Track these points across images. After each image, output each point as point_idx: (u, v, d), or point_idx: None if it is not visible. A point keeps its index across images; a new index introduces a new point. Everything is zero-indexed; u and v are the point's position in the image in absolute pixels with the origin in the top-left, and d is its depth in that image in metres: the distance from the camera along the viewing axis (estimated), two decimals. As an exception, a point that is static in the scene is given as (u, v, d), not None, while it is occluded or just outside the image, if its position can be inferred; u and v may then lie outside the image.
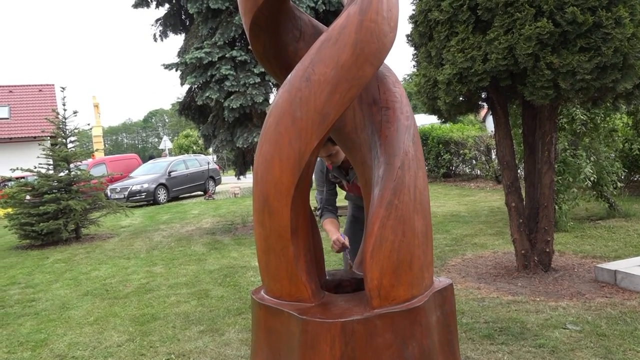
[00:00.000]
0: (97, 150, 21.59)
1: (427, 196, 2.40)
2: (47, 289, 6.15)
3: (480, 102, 5.20)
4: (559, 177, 6.69)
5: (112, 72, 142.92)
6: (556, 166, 6.04)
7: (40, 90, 28.11)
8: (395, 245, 2.17)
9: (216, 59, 8.23)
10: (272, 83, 8.30)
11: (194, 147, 25.37)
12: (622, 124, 8.64)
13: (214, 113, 9.00)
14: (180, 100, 10.69)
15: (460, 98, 4.87)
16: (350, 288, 2.68)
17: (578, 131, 6.96)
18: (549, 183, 4.97)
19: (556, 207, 6.60)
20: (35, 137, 24.07)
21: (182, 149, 25.07)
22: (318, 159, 3.43)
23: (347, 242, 3.24)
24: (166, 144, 29.46)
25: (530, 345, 3.35)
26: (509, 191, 5.08)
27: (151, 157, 24.59)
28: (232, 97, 8.19)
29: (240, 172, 10.73)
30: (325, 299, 2.34)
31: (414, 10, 5.12)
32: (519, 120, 6.61)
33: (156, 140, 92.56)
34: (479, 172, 14.82)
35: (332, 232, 3.33)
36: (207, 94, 8.29)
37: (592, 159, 6.92)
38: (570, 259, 5.64)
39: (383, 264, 2.15)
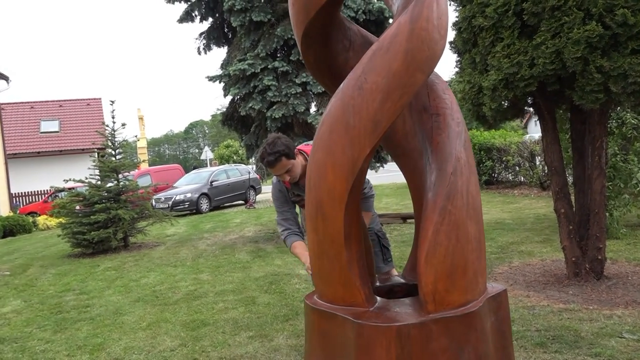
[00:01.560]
0: (143, 161, 22.22)
1: (480, 202, 2.40)
2: (100, 295, 6.38)
3: (526, 108, 5.14)
4: (610, 183, 6.51)
5: (155, 85, 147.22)
6: (606, 171, 5.90)
7: (88, 104, 29.24)
8: (450, 250, 2.19)
9: (259, 70, 8.40)
10: (313, 93, 8.40)
11: (234, 157, 25.81)
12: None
13: (257, 123, 9.16)
14: (222, 111, 10.93)
15: (506, 104, 4.83)
16: (401, 294, 2.70)
17: (629, 135, 6.76)
18: (599, 189, 4.85)
19: (607, 214, 6.41)
20: (83, 150, 25.02)
21: (222, 159, 25.53)
22: (274, 179, 3.28)
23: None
24: (207, 154, 30.08)
25: (586, 354, 3.28)
26: (557, 197, 4.99)
27: (194, 168, 25.11)
28: (274, 107, 8.33)
29: (282, 181, 10.85)
30: (378, 304, 2.37)
31: (457, 17, 5.12)
32: (565, 125, 6.49)
33: (197, 151, 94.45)
34: (522, 178, 14.52)
35: (304, 255, 3.11)
36: (250, 105, 8.46)
37: (642, 162, 6.71)
38: (623, 267, 5.47)
39: (437, 269, 2.17)
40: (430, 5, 2.28)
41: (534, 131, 29.82)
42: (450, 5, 5.49)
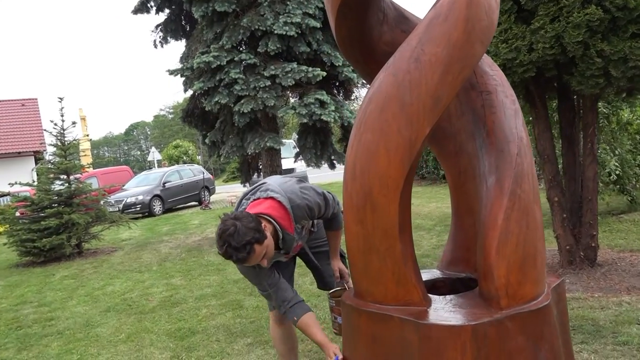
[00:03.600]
0: (88, 164, 21.10)
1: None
2: (63, 307, 5.83)
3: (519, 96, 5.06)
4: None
5: (92, 85, 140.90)
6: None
7: (23, 105, 27.46)
8: (521, 239, 1.98)
9: (224, 63, 8.00)
10: (283, 85, 8.07)
11: (184, 157, 24.99)
12: (633, 117, 8.60)
13: (222, 118, 8.75)
14: (166, 111, 10.42)
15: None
16: (446, 289, 2.47)
17: (600, 125, 6.86)
18: (592, 176, 4.83)
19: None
20: (20, 153, 23.49)
21: (172, 160, 24.66)
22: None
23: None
24: (154, 155, 28.99)
25: (613, 343, 3.18)
26: (551, 185, 4.93)
27: (149, 168, 24.13)
28: (242, 102, 7.96)
29: (246, 179, 10.49)
30: (435, 302, 2.14)
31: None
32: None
33: (139, 153, 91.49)
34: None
35: (324, 341, 2.50)
36: (215, 99, 8.04)
37: (617, 152, 6.83)
38: (608, 254, 5.51)
39: (510, 260, 1.96)
40: (486, -31, 2.07)
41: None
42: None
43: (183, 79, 9.00)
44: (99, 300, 5.92)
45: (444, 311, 2.03)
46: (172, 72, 8.77)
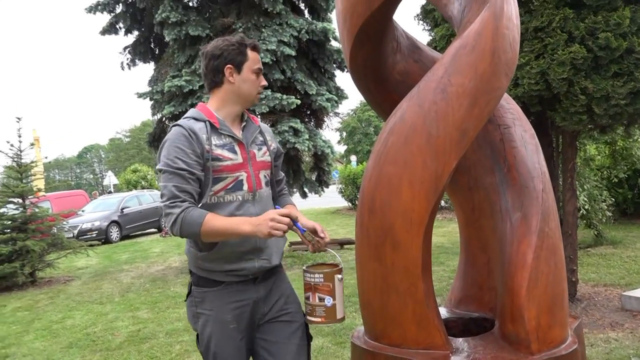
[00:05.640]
0: (38, 188, 20.15)
1: (557, 222, 2.16)
2: (18, 342, 5.39)
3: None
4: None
5: (45, 106, 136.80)
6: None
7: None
8: (550, 279, 1.90)
9: (197, 87, 7.83)
10: (256, 112, 7.95)
11: (143, 182, 24.32)
12: (597, 152, 8.91)
13: (192, 144, 8.49)
14: (123, 134, 10.11)
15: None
16: (457, 330, 2.36)
17: (569, 160, 7.04)
18: (572, 210, 4.89)
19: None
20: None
21: (129, 185, 23.93)
22: (188, 122, 2.00)
23: (289, 212, 1.96)
24: (111, 179, 28.12)
25: (611, 382, 3.14)
26: (532, 219, 4.95)
27: (109, 192, 23.23)
28: (214, 127, 7.76)
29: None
30: (457, 345, 2.02)
31: (432, 36, 5.01)
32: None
33: (91, 176, 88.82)
34: (443, 202, 14.92)
35: (244, 220, 1.91)
36: (187, 124, 7.81)
37: (585, 187, 7.00)
38: (583, 288, 5.55)
39: (540, 301, 1.87)
40: (509, 0, 2.04)
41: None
42: (418, 25, 5.40)
43: (151, 102, 8.76)
44: (59, 335, 5.52)
45: (468, 356, 1.92)
46: (141, 96, 8.54)
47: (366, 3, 2.06)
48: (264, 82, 2.18)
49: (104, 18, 9.43)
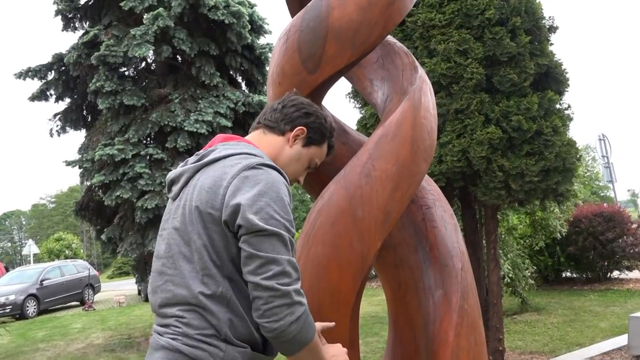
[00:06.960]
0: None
1: (476, 299, 2.27)
2: None
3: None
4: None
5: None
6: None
7: None
8: (471, 356, 1.98)
9: (130, 157, 7.72)
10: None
11: (67, 252, 23.06)
12: (518, 222, 9.42)
13: (122, 214, 8.27)
14: (48, 200, 9.75)
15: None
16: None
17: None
18: (496, 280, 5.11)
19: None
20: None
21: (52, 254, 22.62)
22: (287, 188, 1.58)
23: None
24: (31, 248, 26.45)
25: None
26: (459, 290, 5.12)
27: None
28: (146, 197, 7.63)
29: (142, 277, 9.83)
30: None
31: (362, 114, 5.28)
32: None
33: (9, 245, 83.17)
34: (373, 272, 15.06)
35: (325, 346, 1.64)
36: (117, 193, 7.65)
37: (509, 255, 7.35)
38: (510, 356, 5.71)
39: (462, 379, 1.93)
40: (426, 92, 2.24)
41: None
42: (349, 102, 5.68)
43: (80, 170, 8.52)
44: None
45: None
46: (69, 164, 8.30)
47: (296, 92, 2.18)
48: (302, 178, 1.79)
49: (34, 84, 9.22)
